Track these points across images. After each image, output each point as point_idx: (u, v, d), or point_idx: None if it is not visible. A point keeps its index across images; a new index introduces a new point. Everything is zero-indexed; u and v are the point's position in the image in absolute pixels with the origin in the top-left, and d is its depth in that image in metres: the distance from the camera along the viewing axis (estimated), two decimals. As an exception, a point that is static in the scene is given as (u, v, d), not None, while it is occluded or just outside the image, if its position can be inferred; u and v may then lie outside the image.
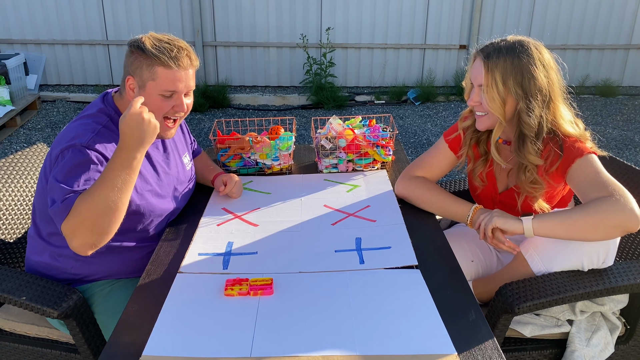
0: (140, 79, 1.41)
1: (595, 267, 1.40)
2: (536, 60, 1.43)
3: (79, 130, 1.38)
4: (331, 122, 1.98)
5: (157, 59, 1.38)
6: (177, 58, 1.40)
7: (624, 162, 1.84)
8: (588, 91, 5.96)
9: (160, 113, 1.44)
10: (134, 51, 1.41)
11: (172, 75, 1.40)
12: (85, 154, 1.34)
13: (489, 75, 1.43)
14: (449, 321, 1.14)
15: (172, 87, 1.42)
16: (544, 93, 1.43)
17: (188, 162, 1.72)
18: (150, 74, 1.40)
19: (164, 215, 1.56)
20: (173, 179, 1.60)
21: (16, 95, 4.95)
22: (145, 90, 1.41)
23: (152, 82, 1.40)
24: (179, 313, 1.19)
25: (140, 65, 1.40)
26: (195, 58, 1.46)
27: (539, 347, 1.50)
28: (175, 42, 1.43)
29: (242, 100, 5.70)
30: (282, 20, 5.79)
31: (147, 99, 1.40)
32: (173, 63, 1.39)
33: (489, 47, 1.47)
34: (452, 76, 6.06)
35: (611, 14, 5.92)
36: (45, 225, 1.49)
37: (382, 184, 1.84)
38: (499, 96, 1.43)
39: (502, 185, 1.64)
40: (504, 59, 1.42)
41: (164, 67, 1.39)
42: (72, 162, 1.32)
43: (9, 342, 1.54)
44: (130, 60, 1.42)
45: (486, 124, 1.52)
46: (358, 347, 1.07)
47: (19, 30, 5.69)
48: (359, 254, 1.42)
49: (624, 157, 4.26)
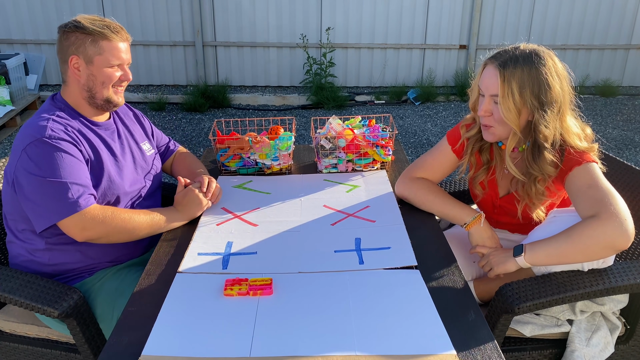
0: (85, 55, 1.49)
1: (595, 267, 1.40)
2: (552, 72, 1.38)
3: (33, 126, 1.45)
4: (331, 122, 1.98)
5: (101, 34, 1.48)
6: (117, 31, 1.52)
7: (624, 162, 1.83)
8: (588, 91, 5.96)
9: (109, 83, 1.53)
10: (73, 31, 1.49)
11: (116, 47, 1.51)
12: (50, 145, 1.41)
13: (505, 86, 1.38)
14: (449, 321, 1.14)
15: (117, 58, 1.52)
16: (559, 104, 1.40)
17: (149, 149, 1.77)
18: (96, 49, 1.49)
19: (127, 197, 1.60)
20: (129, 161, 1.65)
21: (16, 95, 4.95)
22: (93, 64, 1.50)
23: (100, 57, 1.49)
24: (178, 313, 1.18)
25: (83, 43, 1.48)
26: (128, 33, 1.57)
27: (539, 347, 1.50)
28: (106, 19, 1.53)
29: (242, 100, 5.70)
30: (282, 20, 5.79)
31: (97, 72, 1.51)
32: (115, 35, 1.50)
33: (503, 55, 1.41)
34: (452, 76, 6.07)
35: (611, 14, 5.92)
36: (16, 225, 1.53)
37: (382, 184, 1.84)
38: (515, 107, 1.39)
39: (503, 190, 1.63)
40: (521, 69, 1.37)
41: (108, 41, 1.49)
42: (42, 156, 1.40)
43: (9, 342, 1.54)
44: (69, 41, 1.49)
45: (495, 135, 1.48)
46: (357, 347, 1.07)
47: (19, 30, 5.69)
48: (359, 254, 1.42)
49: (624, 157, 4.26)
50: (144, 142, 1.76)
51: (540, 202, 1.51)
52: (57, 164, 1.39)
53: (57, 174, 1.39)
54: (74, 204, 1.39)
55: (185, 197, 1.60)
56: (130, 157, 1.66)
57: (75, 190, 1.40)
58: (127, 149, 1.67)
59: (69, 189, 1.39)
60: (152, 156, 1.77)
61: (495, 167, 1.62)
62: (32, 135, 1.42)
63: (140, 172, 1.68)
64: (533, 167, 1.45)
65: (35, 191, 1.38)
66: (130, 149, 1.68)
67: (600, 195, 1.32)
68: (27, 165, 1.39)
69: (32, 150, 1.40)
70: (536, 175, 1.45)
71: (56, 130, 1.44)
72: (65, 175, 1.39)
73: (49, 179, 1.38)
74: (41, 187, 1.38)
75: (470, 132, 1.61)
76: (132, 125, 1.76)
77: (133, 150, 1.69)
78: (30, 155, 1.39)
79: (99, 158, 1.52)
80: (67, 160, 1.41)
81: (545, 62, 1.39)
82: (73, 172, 1.41)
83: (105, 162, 1.54)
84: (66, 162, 1.41)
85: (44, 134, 1.41)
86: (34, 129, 1.43)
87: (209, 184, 1.66)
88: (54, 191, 1.38)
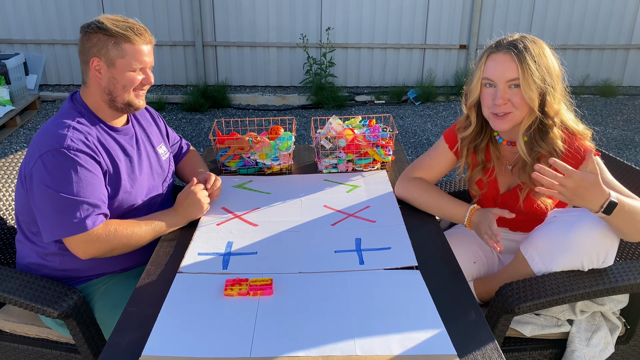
0: (107, 58, 1.45)
1: (595, 267, 1.40)
2: (548, 51, 1.45)
3: (53, 132, 1.41)
4: (331, 122, 1.98)
5: (123, 37, 1.44)
6: (141, 34, 1.48)
7: (624, 162, 1.84)
8: (588, 91, 5.96)
9: (131, 87, 1.50)
10: (95, 32, 1.44)
11: (139, 50, 1.47)
12: (67, 156, 1.37)
13: (524, 66, 1.40)
14: (449, 321, 1.14)
15: (140, 62, 1.48)
16: (559, 81, 1.45)
17: (165, 152, 1.75)
18: (119, 52, 1.45)
19: (143, 205, 1.59)
20: (146, 169, 1.63)
21: (16, 95, 4.95)
22: (115, 67, 1.46)
23: (122, 60, 1.46)
24: (178, 313, 1.18)
25: (105, 45, 1.44)
26: (151, 35, 1.53)
27: (539, 347, 1.50)
28: (130, 21, 1.49)
29: (242, 100, 5.70)
30: (282, 20, 5.79)
31: (118, 76, 1.47)
32: (138, 38, 1.46)
33: (503, 43, 1.44)
34: (452, 76, 6.06)
35: (611, 14, 5.92)
36: (29, 227, 1.51)
37: (382, 184, 1.84)
38: (535, 84, 1.41)
39: (504, 187, 1.63)
40: (529, 50, 1.41)
41: (131, 44, 1.45)
42: (58, 167, 1.36)
43: (9, 343, 1.54)
44: (91, 42, 1.45)
45: (513, 121, 1.47)
46: (358, 347, 1.07)
47: (19, 30, 5.69)
48: (359, 254, 1.41)
49: (624, 157, 4.26)
50: (160, 145, 1.74)
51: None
52: (71, 179, 1.36)
53: (69, 189, 1.36)
54: (80, 223, 1.36)
55: (187, 198, 1.57)
56: (147, 164, 1.64)
57: (84, 209, 1.37)
58: (145, 155, 1.64)
59: (78, 208, 1.36)
60: (167, 160, 1.75)
61: (493, 166, 1.62)
62: (50, 143, 1.38)
63: (156, 178, 1.66)
64: (541, 145, 1.46)
65: (45, 203, 1.36)
66: (147, 154, 1.66)
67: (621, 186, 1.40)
68: (41, 175, 1.36)
69: (48, 159, 1.36)
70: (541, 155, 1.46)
71: (75, 141, 1.40)
72: (77, 191, 1.36)
73: (60, 194, 1.35)
74: (51, 200, 1.35)
75: (465, 133, 1.61)
76: (149, 128, 1.73)
77: (150, 156, 1.67)
78: (45, 164, 1.36)
79: (116, 169, 1.50)
80: (82, 174, 1.38)
81: (540, 43, 1.45)
82: (86, 189, 1.38)
83: (123, 173, 1.51)
84: (81, 176, 1.38)
85: (63, 144, 1.38)
86: (54, 137, 1.40)
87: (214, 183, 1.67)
88: (62, 207, 1.35)
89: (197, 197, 1.58)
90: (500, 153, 1.61)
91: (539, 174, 1.24)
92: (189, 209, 1.57)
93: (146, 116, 1.75)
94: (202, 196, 1.59)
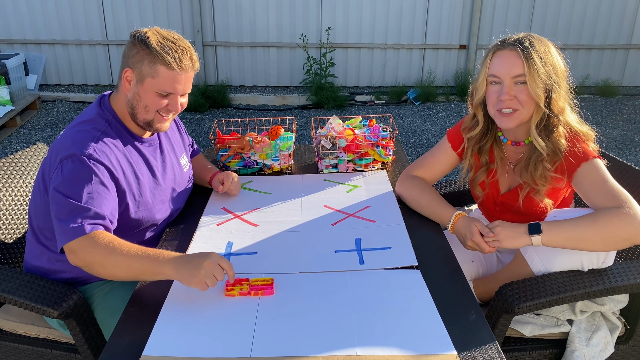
0: (139, 73, 1.40)
1: (595, 267, 1.40)
2: (552, 48, 1.46)
3: (77, 138, 1.38)
4: (331, 122, 1.98)
5: (161, 58, 1.37)
6: (181, 60, 1.39)
7: (624, 162, 1.84)
8: (588, 91, 5.96)
9: (154, 109, 1.44)
10: (137, 44, 1.39)
11: (173, 76, 1.40)
12: (86, 165, 1.33)
13: (530, 62, 1.40)
14: (449, 321, 1.14)
15: (170, 88, 1.41)
16: (564, 79, 1.46)
17: (186, 164, 1.72)
18: (151, 71, 1.39)
19: (162, 220, 1.57)
20: (170, 182, 1.60)
21: (16, 95, 4.95)
22: (143, 85, 1.41)
23: (152, 80, 1.40)
24: (179, 313, 1.19)
25: (141, 60, 1.39)
26: (196, 60, 1.45)
27: (539, 347, 1.50)
28: (179, 43, 1.42)
29: (242, 100, 5.70)
30: (282, 20, 5.79)
31: (143, 94, 1.42)
32: (176, 64, 1.38)
33: (509, 41, 1.45)
34: (452, 76, 6.06)
35: (611, 14, 5.92)
36: (43, 230, 1.49)
37: (382, 184, 1.84)
38: (542, 80, 1.41)
39: (504, 187, 1.63)
40: (535, 47, 1.42)
41: (166, 67, 1.38)
42: (73, 174, 1.32)
43: (9, 342, 1.54)
44: (132, 52, 1.40)
45: (519, 118, 1.46)
46: (358, 347, 1.07)
47: (19, 30, 5.69)
48: (359, 254, 1.42)
49: (624, 157, 4.26)
50: (182, 156, 1.71)
51: (544, 186, 1.49)
52: (84, 187, 1.31)
53: (79, 196, 1.30)
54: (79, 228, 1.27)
55: (202, 268, 1.20)
56: (171, 176, 1.61)
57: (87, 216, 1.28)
58: (169, 167, 1.61)
59: (81, 215, 1.28)
60: (188, 172, 1.72)
61: (496, 168, 1.62)
62: (72, 148, 1.34)
63: (177, 191, 1.63)
64: (547, 143, 1.45)
65: (55, 208, 1.32)
66: (172, 166, 1.63)
67: (617, 190, 1.36)
68: (56, 179, 1.33)
69: (67, 165, 1.33)
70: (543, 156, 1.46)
71: (98, 152, 1.36)
72: (86, 200, 1.30)
73: (68, 200, 1.29)
74: (60, 205, 1.31)
75: (472, 133, 1.60)
76: (173, 137, 1.70)
77: (174, 168, 1.64)
78: (63, 169, 1.33)
79: (139, 185, 1.47)
80: (96, 186, 1.33)
81: (545, 42, 1.46)
82: (96, 200, 1.31)
83: (145, 189, 1.48)
84: (94, 187, 1.32)
85: (84, 152, 1.34)
86: (77, 143, 1.36)
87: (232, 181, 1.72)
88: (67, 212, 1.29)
89: (216, 268, 1.21)
90: (504, 153, 1.61)
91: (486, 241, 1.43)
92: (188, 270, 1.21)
93: (172, 125, 1.73)
94: (218, 272, 1.21)
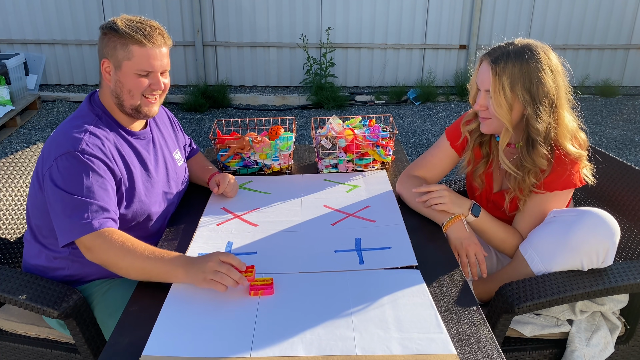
0: (115, 60, 1.41)
1: (595, 267, 1.40)
2: (544, 66, 1.40)
3: (69, 135, 1.39)
4: (331, 122, 1.98)
5: (131, 38, 1.39)
6: (151, 36, 1.41)
7: (624, 162, 1.84)
8: (588, 91, 5.96)
9: (138, 91, 1.44)
10: (107, 33, 1.41)
11: (147, 53, 1.41)
12: (80, 160, 1.35)
13: (496, 80, 1.40)
14: (449, 321, 1.14)
15: (147, 65, 1.42)
16: (551, 99, 1.41)
17: (180, 159, 1.72)
18: (126, 53, 1.40)
19: (158, 214, 1.57)
20: (162, 176, 1.61)
21: (16, 95, 4.95)
22: (121, 70, 1.42)
23: (128, 62, 1.41)
24: (178, 313, 1.18)
25: (114, 46, 1.40)
26: (168, 37, 1.47)
27: (539, 347, 1.50)
28: (147, 22, 1.44)
29: (242, 100, 5.70)
30: (282, 20, 5.79)
31: (124, 79, 1.42)
32: (147, 40, 1.40)
33: (496, 51, 1.44)
34: (452, 76, 6.06)
35: (611, 14, 5.92)
36: (41, 229, 1.49)
37: (382, 184, 1.84)
38: (506, 102, 1.41)
39: (497, 186, 1.64)
40: (512, 64, 1.39)
41: (139, 46, 1.40)
42: (70, 171, 1.34)
43: (9, 342, 1.54)
44: (103, 42, 1.42)
45: (491, 127, 1.50)
46: (358, 347, 1.07)
47: (19, 30, 5.69)
48: (359, 254, 1.42)
49: (624, 157, 4.26)
50: (175, 151, 1.71)
51: (528, 196, 1.52)
52: (82, 182, 1.33)
53: (79, 191, 1.32)
54: (87, 224, 1.30)
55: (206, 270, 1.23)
56: (163, 170, 1.61)
57: (92, 210, 1.32)
58: (162, 161, 1.61)
59: (87, 210, 1.31)
60: (183, 167, 1.72)
61: (492, 160, 1.63)
62: (66, 145, 1.36)
63: (172, 185, 1.64)
64: (527, 160, 1.47)
65: (57, 205, 1.34)
66: (164, 159, 1.63)
67: (537, 221, 1.52)
68: (55, 177, 1.34)
69: (62, 162, 1.34)
70: (529, 169, 1.47)
71: (91, 146, 1.38)
72: (87, 194, 1.32)
73: (70, 196, 1.32)
74: (62, 202, 1.33)
75: (470, 127, 1.62)
76: (166, 132, 1.70)
77: (167, 162, 1.64)
78: (59, 167, 1.34)
79: (131, 176, 1.47)
80: (94, 179, 1.35)
81: (538, 56, 1.40)
82: (96, 193, 1.34)
83: (137, 181, 1.49)
84: (92, 180, 1.34)
85: (77, 148, 1.35)
86: (70, 139, 1.37)
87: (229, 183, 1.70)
88: (71, 209, 1.32)
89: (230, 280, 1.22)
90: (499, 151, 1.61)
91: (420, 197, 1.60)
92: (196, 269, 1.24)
93: (164, 119, 1.73)
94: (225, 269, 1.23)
